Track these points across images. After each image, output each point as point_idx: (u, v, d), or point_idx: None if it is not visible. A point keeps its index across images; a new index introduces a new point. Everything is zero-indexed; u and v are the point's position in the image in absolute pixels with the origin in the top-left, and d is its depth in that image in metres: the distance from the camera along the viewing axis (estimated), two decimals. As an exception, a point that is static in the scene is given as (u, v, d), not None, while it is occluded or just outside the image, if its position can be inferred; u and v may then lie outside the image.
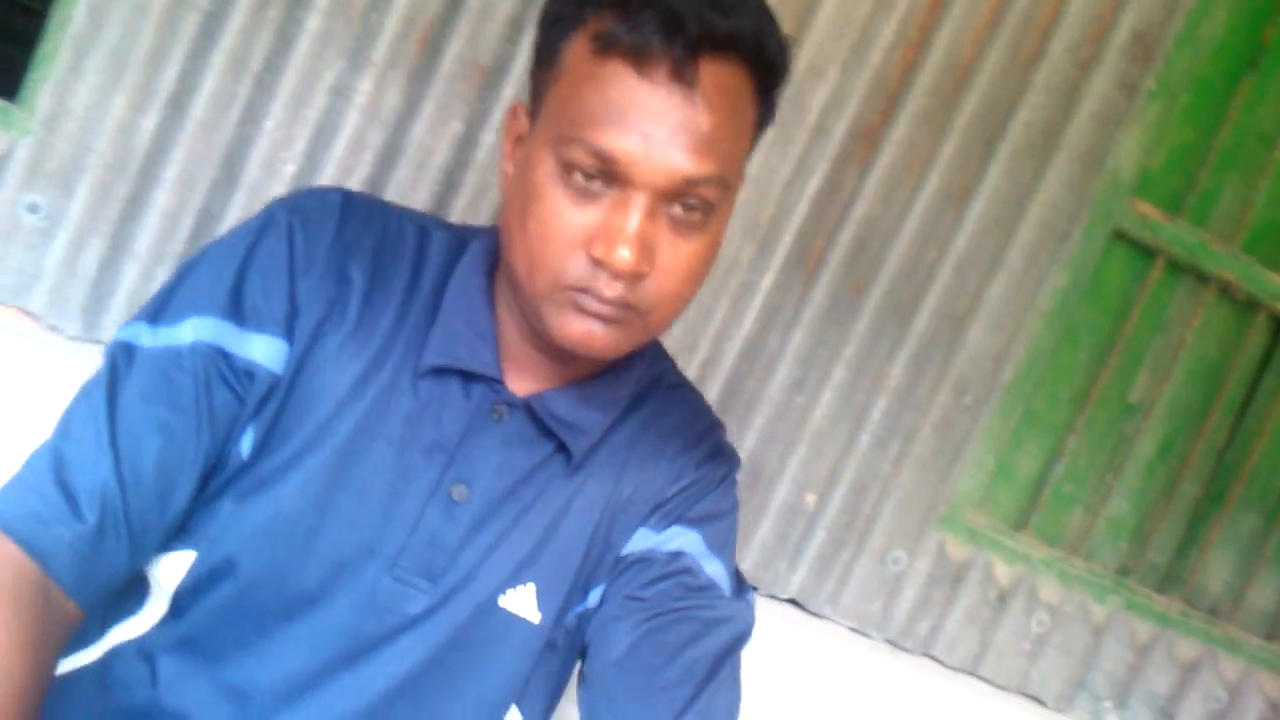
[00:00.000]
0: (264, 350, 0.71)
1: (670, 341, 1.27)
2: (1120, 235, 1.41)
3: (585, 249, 0.68)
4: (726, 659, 0.79)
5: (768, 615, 1.34)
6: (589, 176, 0.67)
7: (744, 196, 1.25)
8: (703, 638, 0.77)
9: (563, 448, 0.79)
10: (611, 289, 0.68)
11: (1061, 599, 1.46)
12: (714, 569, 0.82)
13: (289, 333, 0.72)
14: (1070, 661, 1.48)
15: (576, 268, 0.68)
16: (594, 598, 0.81)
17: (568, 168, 0.67)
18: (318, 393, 0.72)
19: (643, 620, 0.77)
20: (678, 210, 0.69)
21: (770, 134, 1.24)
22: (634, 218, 0.67)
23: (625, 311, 0.70)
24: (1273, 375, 1.53)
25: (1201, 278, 1.46)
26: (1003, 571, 1.45)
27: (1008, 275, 1.37)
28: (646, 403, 0.86)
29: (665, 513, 0.82)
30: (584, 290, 0.68)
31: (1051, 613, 1.46)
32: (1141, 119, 1.37)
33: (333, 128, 1.14)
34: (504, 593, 0.77)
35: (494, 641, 0.77)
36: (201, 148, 1.12)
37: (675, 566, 0.79)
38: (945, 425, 1.39)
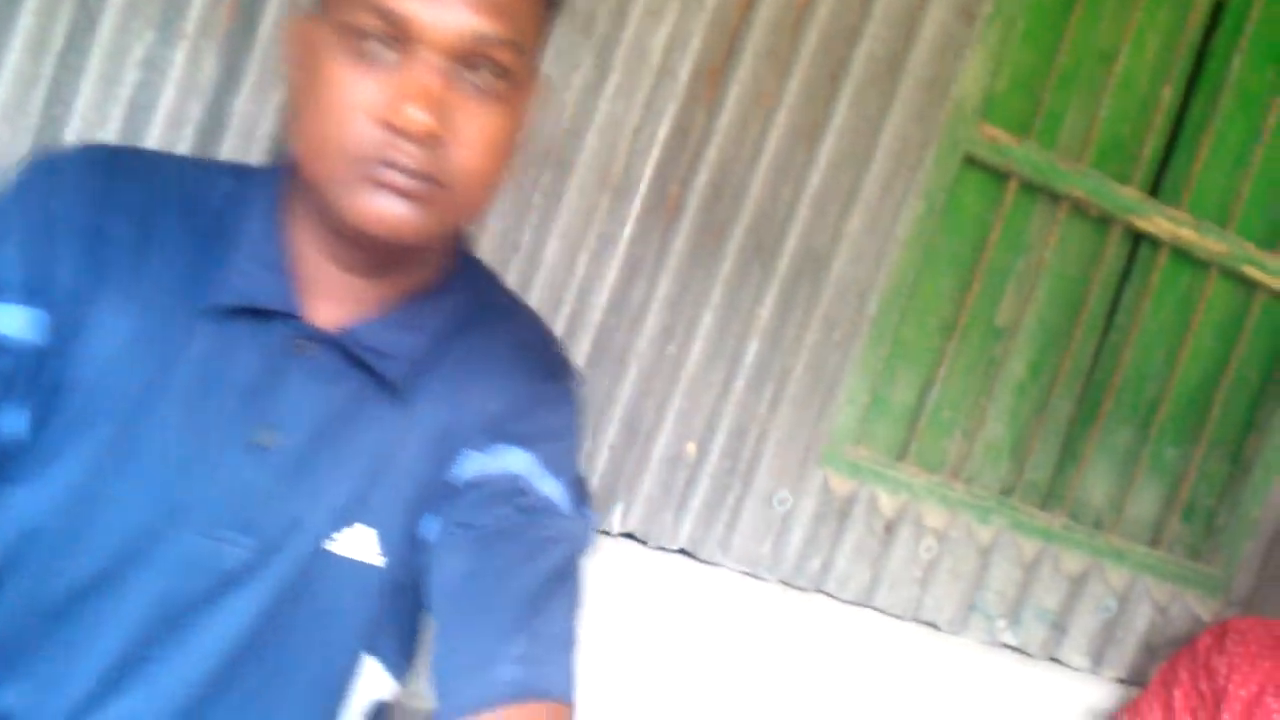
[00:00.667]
0: (13, 321, 0.67)
1: (534, 298, 1.25)
2: (972, 160, 1.43)
3: (378, 116, 0.64)
4: (561, 578, 0.75)
5: (659, 568, 1.34)
6: (374, 40, 0.64)
7: (594, 145, 1.24)
8: (536, 558, 0.73)
9: (380, 378, 0.75)
10: (411, 157, 0.64)
11: (947, 524, 1.49)
12: (550, 488, 0.78)
13: (46, 300, 0.67)
14: (960, 584, 1.50)
15: (370, 138, 0.64)
16: (430, 528, 0.77)
17: (352, 33, 0.63)
18: (92, 358, 0.68)
19: (474, 546, 0.73)
20: (474, 77, 0.66)
21: (613, 80, 1.23)
22: (426, 77, 0.64)
23: (427, 185, 0.66)
24: (1133, 288, 1.57)
25: (1054, 197, 1.49)
26: (887, 502, 1.46)
27: (865, 207, 1.37)
28: (475, 324, 0.82)
29: (495, 434, 0.78)
30: (381, 163, 0.65)
31: (938, 538, 1.48)
32: (982, 44, 1.39)
33: (148, 104, 1.09)
34: (331, 537, 0.73)
35: (331, 590, 0.73)
36: (8, 133, 1.05)
37: (507, 488, 0.76)
38: (817, 363, 1.40)
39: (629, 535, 1.37)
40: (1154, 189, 1.56)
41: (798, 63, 1.32)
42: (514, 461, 0.77)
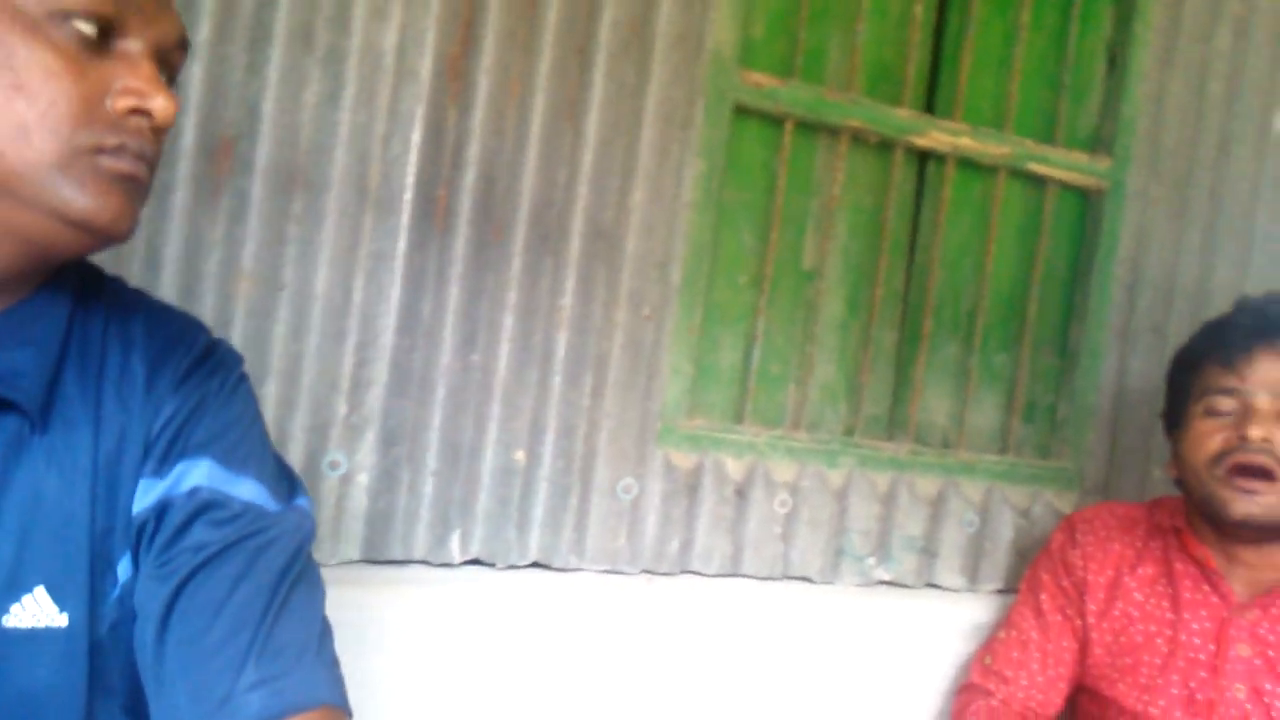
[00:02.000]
0: None
1: (313, 334, 1.17)
2: (743, 109, 1.41)
3: (105, 103, 0.62)
4: (288, 581, 0.68)
5: (512, 588, 1.27)
6: (89, 26, 0.61)
7: (344, 161, 1.17)
8: (251, 573, 0.66)
9: (9, 406, 0.64)
10: (146, 143, 0.63)
11: (797, 475, 1.46)
12: (244, 489, 0.70)
13: None
14: (823, 532, 1.49)
15: (99, 124, 0.61)
16: (123, 573, 0.68)
17: (62, 17, 0.60)
18: None
19: (177, 581, 0.65)
20: (163, 75, 0.66)
21: (349, 90, 1.16)
22: (153, 69, 0.64)
23: (149, 171, 0.65)
24: (929, 206, 1.58)
25: (832, 131, 1.48)
26: (733, 467, 1.43)
27: (645, 177, 1.34)
28: (98, 329, 0.71)
29: (162, 452, 0.69)
30: (112, 150, 0.62)
31: (791, 491, 1.46)
32: (728, -8, 1.37)
33: None
34: (7, 610, 0.63)
35: (22, 669, 0.64)
36: None
37: (196, 506, 0.67)
38: (633, 342, 1.35)
39: (474, 561, 1.30)
40: (928, 106, 1.58)
41: (542, 41, 1.27)
42: (194, 475, 0.68)
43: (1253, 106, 1.75)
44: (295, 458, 1.19)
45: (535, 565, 1.34)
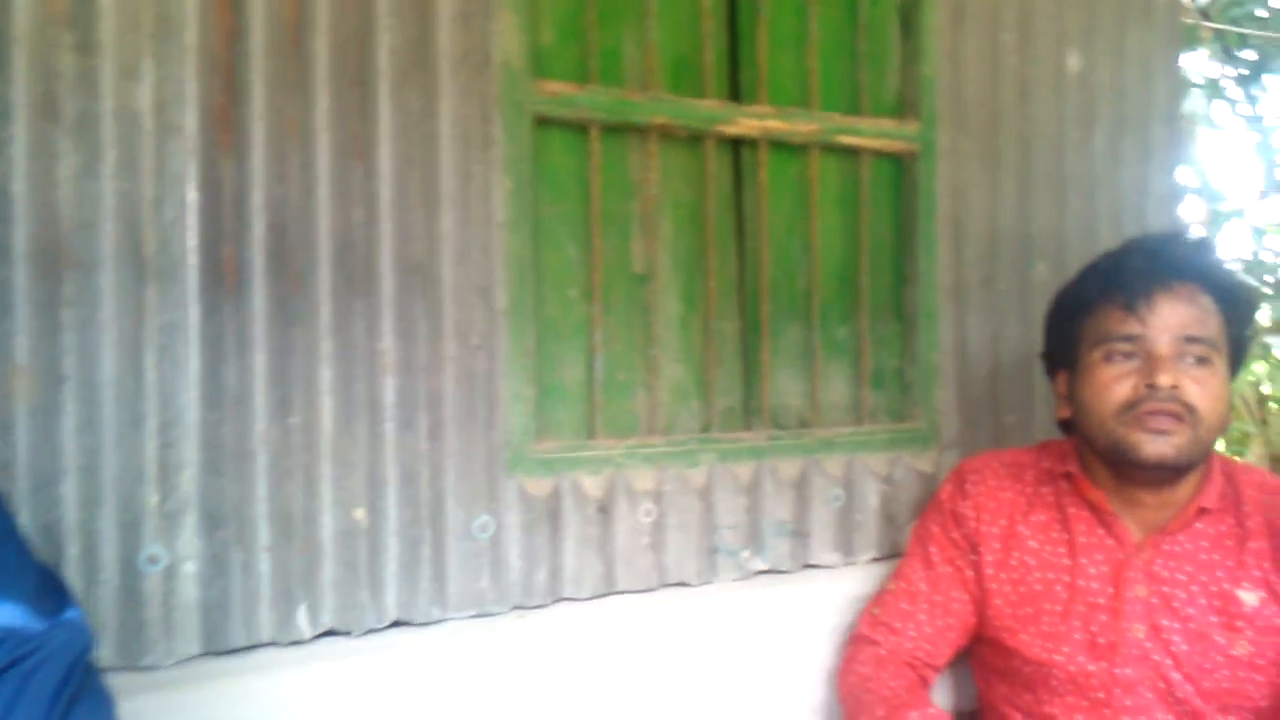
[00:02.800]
0: None
1: (112, 424, 1.08)
2: (543, 120, 1.37)
3: None
4: (60, 702, 0.66)
5: (373, 653, 1.20)
6: None
7: (114, 233, 1.09)
8: (21, 699, 0.63)
9: None
10: None
11: (658, 481, 1.44)
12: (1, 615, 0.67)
13: None
14: (693, 534, 1.46)
15: None
16: None
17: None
18: None
19: None
20: None
21: (109, 157, 1.07)
22: None
23: None
24: (749, 193, 1.58)
25: (640, 131, 1.46)
26: (592, 484, 1.39)
27: (450, 202, 1.29)
28: None
29: None
30: None
31: (654, 499, 1.43)
32: (508, 2, 1.32)
33: None
34: None
35: None
36: None
37: None
38: (465, 376, 1.30)
39: (328, 633, 1.23)
40: (733, 93, 1.57)
41: (315, 78, 1.20)
42: None
43: (1046, 49, 1.80)
44: (108, 558, 1.10)
45: (396, 624, 1.27)
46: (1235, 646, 1.20)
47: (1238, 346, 1.24)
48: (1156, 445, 1.17)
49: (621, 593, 1.42)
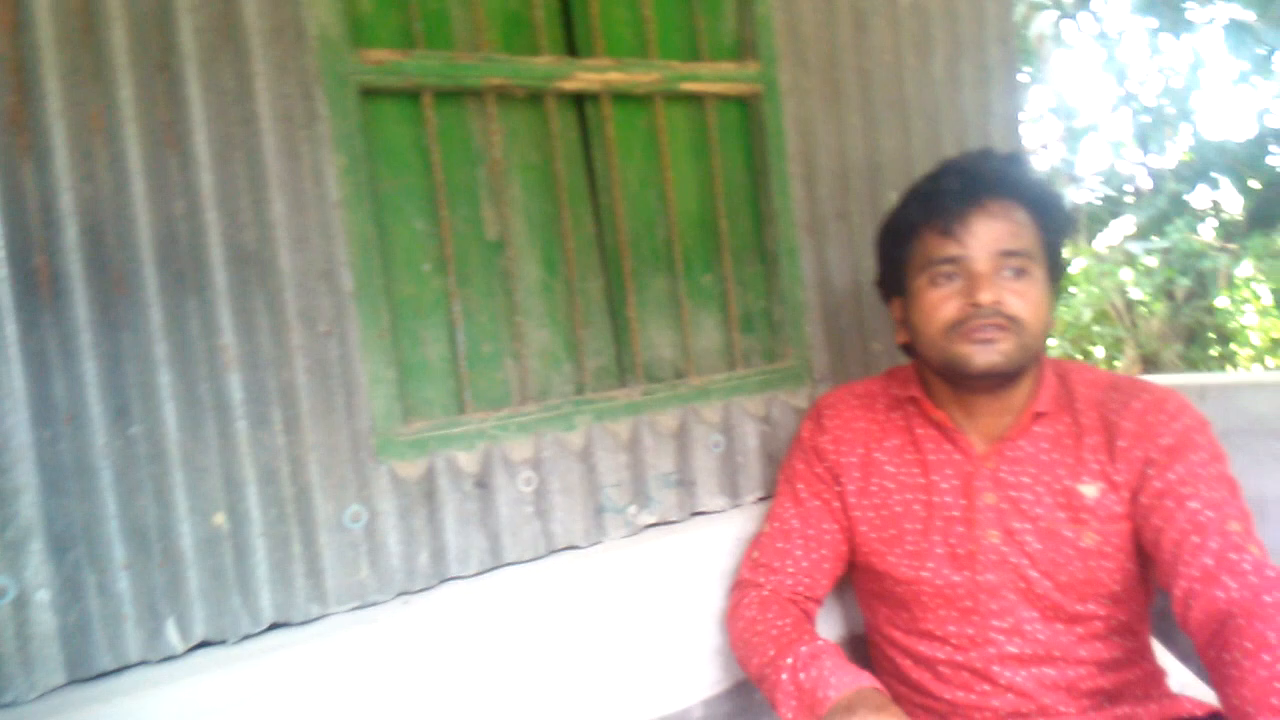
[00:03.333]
0: None
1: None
2: (371, 90, 1.32)
3: None
4: None
5: (251, 659, 1.16)
6: None
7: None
8: None
9: None
10: None
11: (535, 448, 1.42)
12: None
13: None
14: (576, 496, 1.45)
15: None
16: None
17: None
18: None
19: None
20: None
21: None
22: None
23: None
24: (598, 147, 1.56)
25: (476, 94, 1.42)
26: (467, 459, 1.37)
27: (279, 185, 1.23)
28: None
29: None
30: None
31: (534, 466, 1.42)
32: (319, -29, 1.26)
33: None
34: None
35: None
36: None
37: None
38: (319, 364, 1.26)
39: (202, 645, 1.18)
40: (570, 48, 1.54)
41: (114, 66, 1.13)
42: None
43: (882, -18, 1.82)
44: (-56, 599, 1.03)
45: (274, 627, 1.23)
46: (1083, 538, 1.25)
47: (1055, 253, 1.29)
48: (986, 354, 1.22)
49: (510, 564, 1.40)
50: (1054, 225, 1.28)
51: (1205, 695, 1.40)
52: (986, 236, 1.22)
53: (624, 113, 1.56)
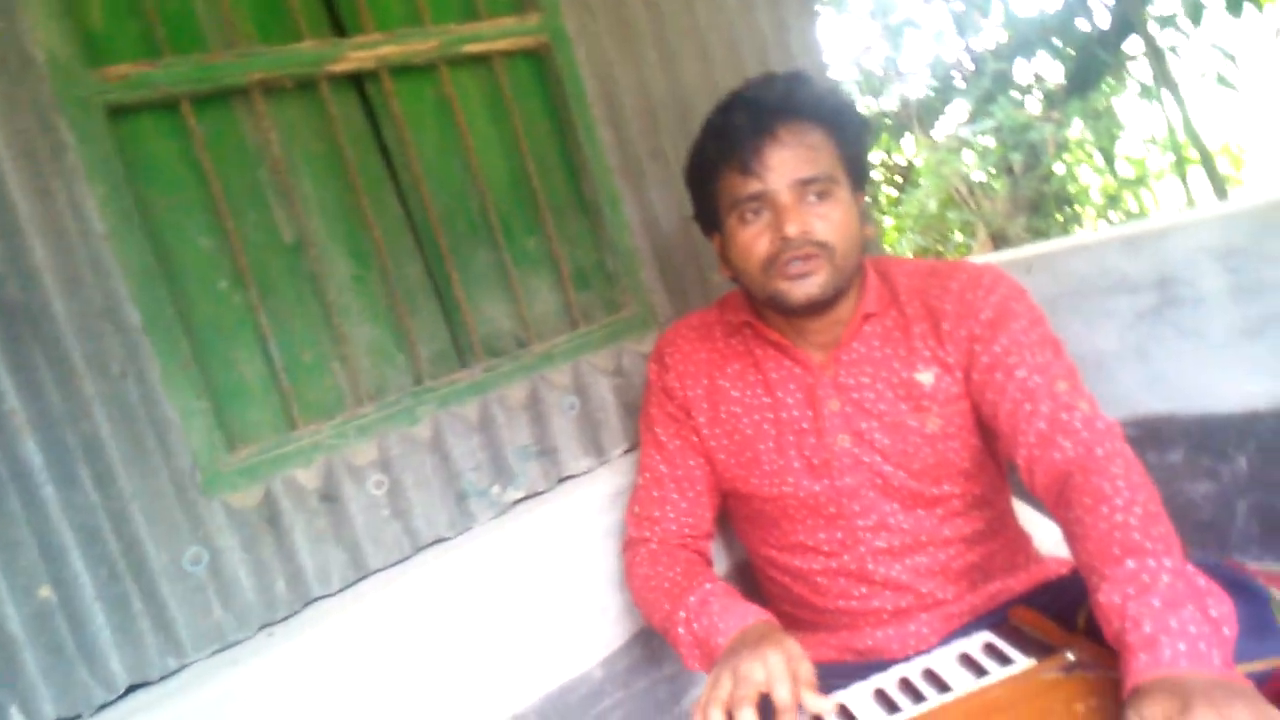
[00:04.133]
0: None
1: None
2: (120, 109, 1.23)
3: None
4: None
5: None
6: None
7: None
8: None
9: None
10: None
11: (380, 448, 1.37)
12: None
13: None
14: (435, 488, 1.41)
15: None
16: None
17: None
18: None
19: None
20: None
21: None
22: None
23: None
24: (388, 127, 1.49)
25: (241, 93, 1.34)
26: (307, 475, 1.31)
27: (36, 227, 1.14)
28: None
29: None
30: None
31: (382, 467, 1.37)
32: (31, -11, 1.16)
33: None
34: None
35: None
36: None
37: None
38: (120, 410, 1.17)
39: (52, 726, 1.11)
40: (337, 29, 1.46)
41: None
42: None
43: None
44: None
45: (132, 689, 1.16)
46: (928, 424, 1.28)
47: (856, 165, 1.29)
48: (803, 288, 1.23)
49: (378, 571, 1.36)
50: (850, 138, 1.29)
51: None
52: (783, 168, 1.22)
53: (408, 86, 1.49)
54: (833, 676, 1.29)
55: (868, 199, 1.33)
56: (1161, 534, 0.96)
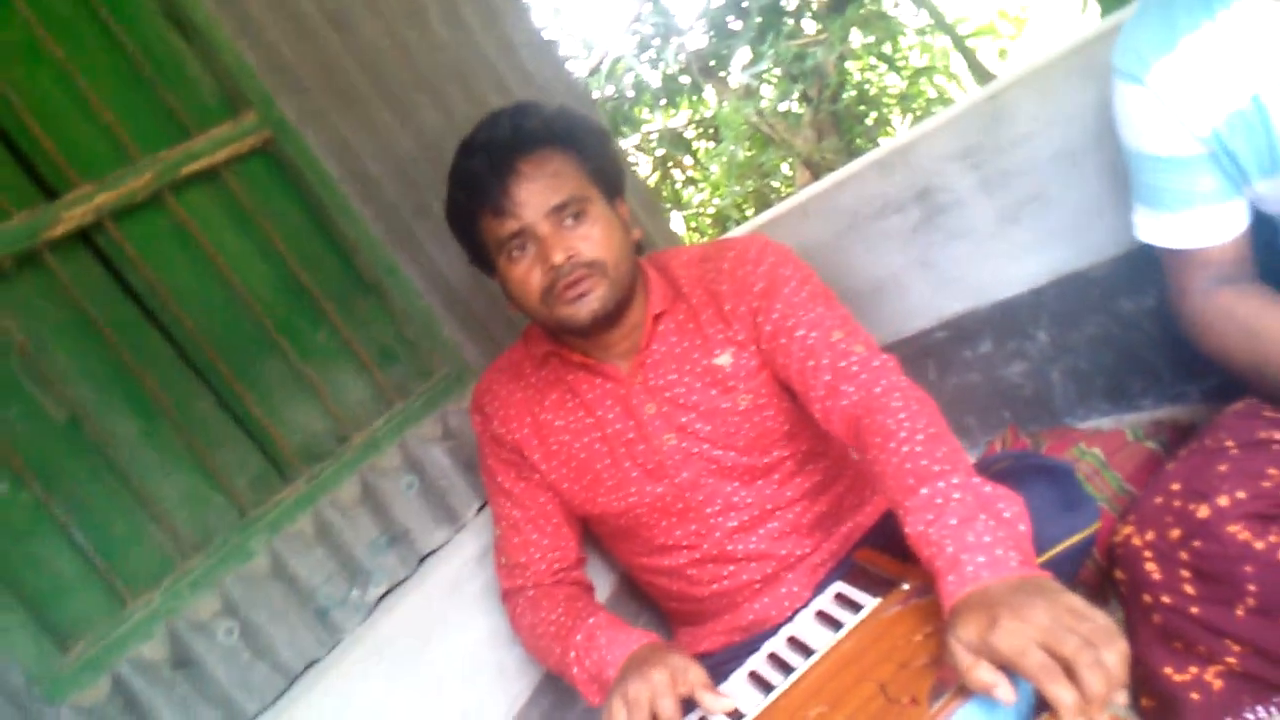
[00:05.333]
0: None
1: None
2: None
3: None
4: None
5: None
6: None
7: None
8: None
9: None
10: None
11: (221, 596, 1.33)
12: None
13: None
14: (290, 612, 1.38)
15: None
16: None
17: None
18: None
19: None
20: None
21: None
22: None
23: None
24: (132, 274, 1.42)
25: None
26: (153, 647, 1.27)
27: None
28: None
29: None
30: None
31: (228, 613, 1.33)
32: None
33: None
34: None
35: None
36: None
37: None
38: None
39: None
40: (47, 192, 1.39)
41: None
42: None
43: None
44: None
45: None
46: (739, 402, 1.32)
47: (605, 176, 1.32)
48: (585, 307, 1.25)
49: (256, 716, 1.32)
50: (592, 153, 1.31)
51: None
52: (534, 201, 1.24)
53: (137, 226, 1.44)
54: (729, 660, 1.32)
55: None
56: (945, 454, 1.02)
